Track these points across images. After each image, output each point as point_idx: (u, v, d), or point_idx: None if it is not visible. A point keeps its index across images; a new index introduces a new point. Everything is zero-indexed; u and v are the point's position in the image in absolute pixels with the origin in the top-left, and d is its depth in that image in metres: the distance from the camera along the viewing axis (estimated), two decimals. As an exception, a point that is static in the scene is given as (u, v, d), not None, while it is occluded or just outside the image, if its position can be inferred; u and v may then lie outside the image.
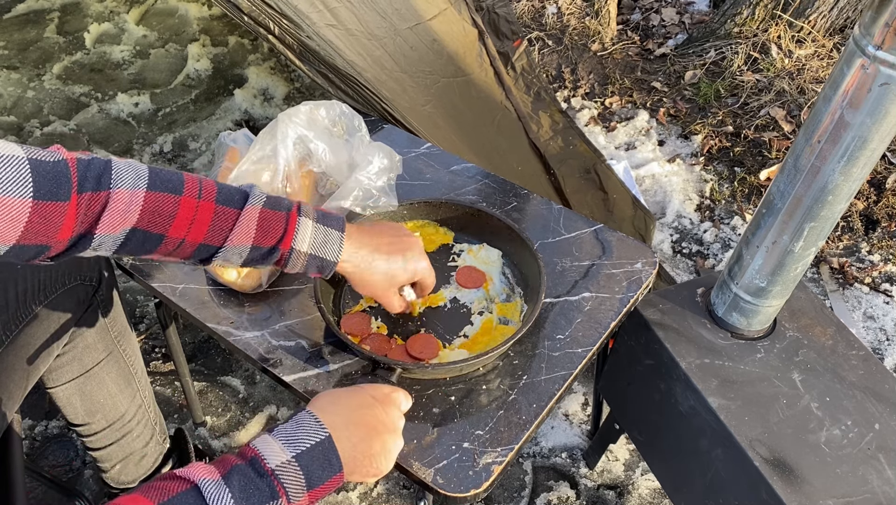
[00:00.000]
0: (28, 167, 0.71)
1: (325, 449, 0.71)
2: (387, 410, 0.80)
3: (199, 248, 0.86)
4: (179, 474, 0.66)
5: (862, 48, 0.83)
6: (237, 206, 0.86)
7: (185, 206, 0.83)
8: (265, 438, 0.71)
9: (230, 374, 1.80)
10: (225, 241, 0.86)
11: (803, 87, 2.57)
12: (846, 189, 0.95)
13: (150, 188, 0.81)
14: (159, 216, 0.81)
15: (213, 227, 0.85)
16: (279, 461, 0.68)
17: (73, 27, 3.04)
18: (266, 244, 0.87)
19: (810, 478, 1.00)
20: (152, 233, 0.82)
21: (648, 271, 1.21)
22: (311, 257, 0.90)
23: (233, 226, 0.85)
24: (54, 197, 0.73)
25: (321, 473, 0.70)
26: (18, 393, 1.07)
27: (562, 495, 1.58)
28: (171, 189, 0.82)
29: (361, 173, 1.19)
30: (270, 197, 0.89)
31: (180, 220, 0.82)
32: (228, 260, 0.88)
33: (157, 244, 0.83)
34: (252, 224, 0.86)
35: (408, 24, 1.74)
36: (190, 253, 0.86)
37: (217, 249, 0.86)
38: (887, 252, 2.13)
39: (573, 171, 1.93)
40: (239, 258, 0.88)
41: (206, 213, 0.84)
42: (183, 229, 0.83)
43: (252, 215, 0.86)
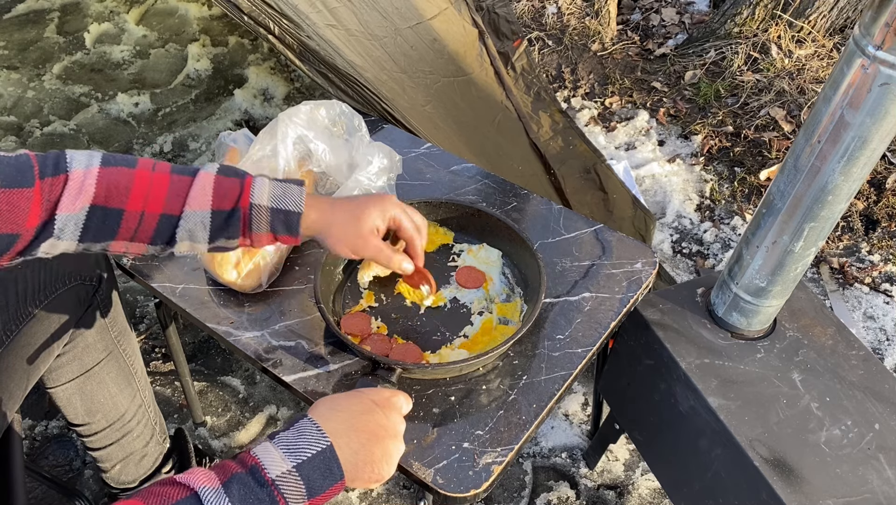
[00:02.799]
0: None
1: (326, 458, 0.71)
2: (388, 414, 0.80)
3: (161, 222, 0.86)
4: (179, 480, 0.66)
5: (862, 48, 0.83)
6: (191, 174, 0.87)
7: (140, 178, 0.84)
8: (266, 446, 0.70)
9: (230, 374, 1.80)
10: (183, 208, 0.86)
11: (803, 87, 2.57)
12: (846, 189, 0.95)
13: (104, 164, 0.84)
14: (115, 189, 0.83)
15: (169, 196, 0.85)
16: (280, 471, 0.68)
17: (73, 27, 3.04)
18: (225, 206, 0.87)
19: (810, 478, 1.00)
20: (111, 208, 0.83)
21: (648, 271, 1.21)
22: (273, 211, 0.89)
23: (188, 190, 0.86)
24: (19, 184, 0.77)
25: (322, 482, 0.70)
26: (19, 393, 1.07)
27: (562, 495, 1.58)
28: (124, 164, 0.85)
29: (361, 173, 1.19)
30: (225, 166, 0.91)
31: (136, 191, 0.84)
32: (194, 234, 0.87)
33: (118, 221, 0.84)
34: (208, 187, 0.86)
35: (408, 23, 1.75)
36: (153, 229, 0.86)
37: (178, 220, 0.86)
38: (887, 252, 2.13)
39: (573, 171, 1.93)
40: (203, 230, 0.87)
41: (162, 182, 0.85)
42: (140, 201, 0.84)
43: (207, 180, 0.87)
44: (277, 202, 0.89)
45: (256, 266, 1.15)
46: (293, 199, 0.90)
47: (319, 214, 0.92)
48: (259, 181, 0.90)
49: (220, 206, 0.87)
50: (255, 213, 0.88)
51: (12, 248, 0.80)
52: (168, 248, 0.89)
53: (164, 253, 0.93)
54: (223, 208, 0.87)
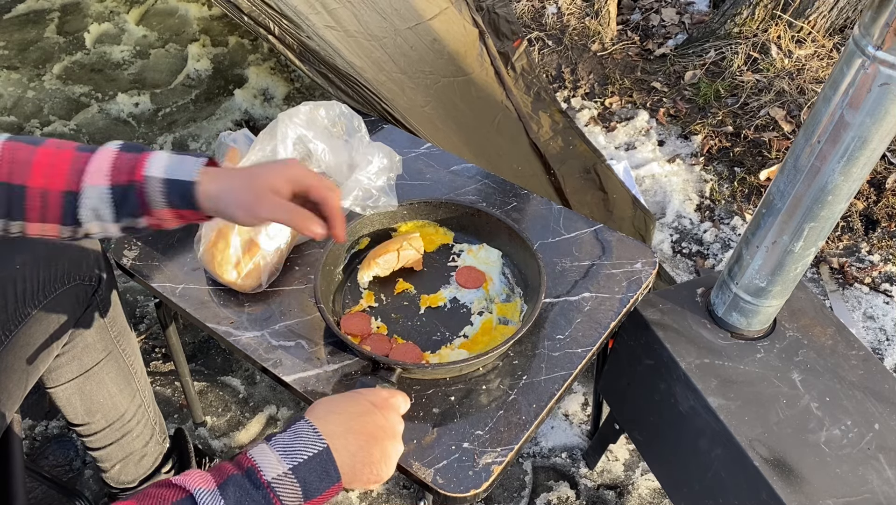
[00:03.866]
0: None
1: (322, 460, 0.71)
2: (386, 415, 0.79)
3: (65, 200, 0.84)
4: (175, 482, 0.66)
5: (862, 48, 0.83)
6: (93, 150, 0.86)
7: (43, 154, 0.84)
8: (262, 448, 0.70)
9: (230, 374, 1.80)
10: (81, 184, 0.84)
11: (803, 87, 2.57)
12: (846, 189, 0.95)
13: (9, 140, 0.84)
14: (17, 164, 0.83)
15: (70, 172, 0.84)
16: (276, 473, 0.68)
17: (73, 27, 3.04)
18: (122, 180, 0.84)
19: (810, 478, 1.00)
20: (13, 185, 0.83)
21: (648, 271, 1.21)
22: (167, 182, 0.84)
23: (86, 166, 0.84)
24: None
25: (318, 485, 0.70)
26: (18, 393, 1.07)
27: (562, 495, 1.58)
28: (30, 141, 0.85)
29: (361, 173, 1.19)
30: (133, 143, 0.88)
31: (37, 167, 0.83)
32: (99, 214, 0.85)
33: (23, 198, 0.83)
34: (105, 162, 0.85)
35: (408, 24, 1.74)
36: (59, 208, 0.85)
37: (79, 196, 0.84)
38: (887, 252, 2.13)
39: (573, 171, 1.93)
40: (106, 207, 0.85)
41: (63, 158, 0.85)
42: (41, 177, 0.83)
43: (106, 154, 0.85)
44: (172, 172, 0.85)
45: (256, 266, 1.15)
46: (188, 168, 0.86)
47: (216, 183, 0.86)
48: (157, 154, 0.86)
49: (117, 181, 0.84)
50: (149, 187, 0.85)
51: None
52: (79, 230, 0.87)
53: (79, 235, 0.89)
54: (120, 182, 0.84)
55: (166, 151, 0.88)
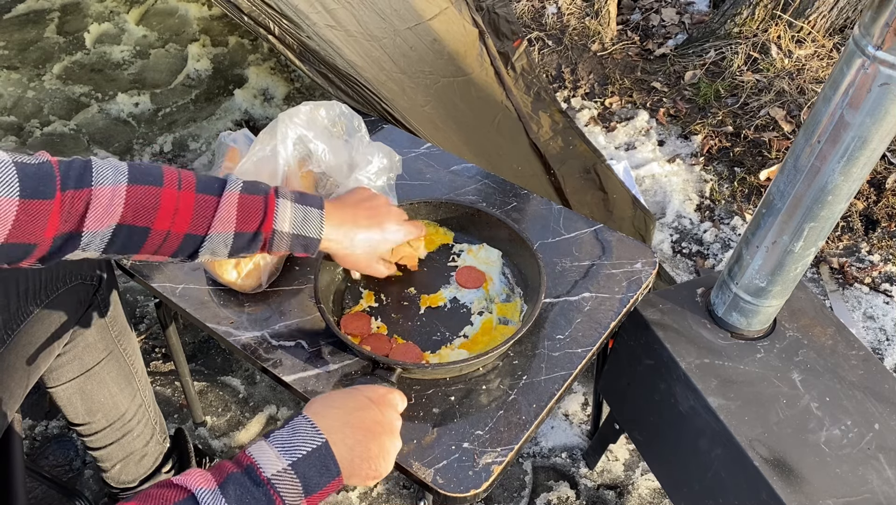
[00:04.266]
0: (13, 168, 0.75)
1: (321, 455, 0.71)
2: (383, 411, 0.80)
3: (185, 240, 0.87)
4: (176, 482, 0.66)
5: (862, 48, 0.83)
6: (216, 193, 0.88)
7: (167, 198, 0.84)
8: (261, 445, 0.71)
9: (230, 374, 1.80)
10: (209, 230, 0.87)
11: (803, 87, 2.57)
12: (846, 189, 0.95)
13: (130, 182, 0.83)
14: (143, 209, 0.83)
15: (195, 217, 0.86)
16: (275, 470, 0.68)
17: (73, 27, 3.04)
18: (248, 229, 0.89)
19: (810, 478, 1.00)
20: (138, 227, 0.84)
21: (648, 271, 1.21)
22: (294, 237, 0.92)
23: (214, 213, 0.87)
24: (40, 195, 0.76)
25: (318, 480, 0.70)
26: (19, 392, 1.07)
27: (562, 495, 1.58)
28: (151, 182, 0.84)
29: (361, 173, 1.19)
30: (247, 182, 0.91)
31: (163, 211, 0.84)
32: (216, 251, 0.89)
33: (144, 238, 0.85)
34: (232, 210, 0.88)
35: (407, 24, 1.74)
36: (176, 246, 0.87)
37: (202, 239, 0.87)
38: (887, 252, 2.13)
39: (573, 171, 1.93)
40: (225, 247, 0.89)
41: (188, 202, 0.86)
42: (167, 221, 0.85)
43: (231, 201, 0.88)
44: (299, 228, 0.92)
45: (256, 266, 1.15)
46: (314, 225, 0.94)
47: (336, 243, 0.97)
48: (282, 205, 0.91)
49: (244, 229, 0.89)
50: (276, 238, 0.92)
51: (30, 256, 0.80)
52: (189, 260, 0.91)
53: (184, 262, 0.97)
54: (246, 231, 0.89)
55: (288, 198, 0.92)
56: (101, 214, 0.81)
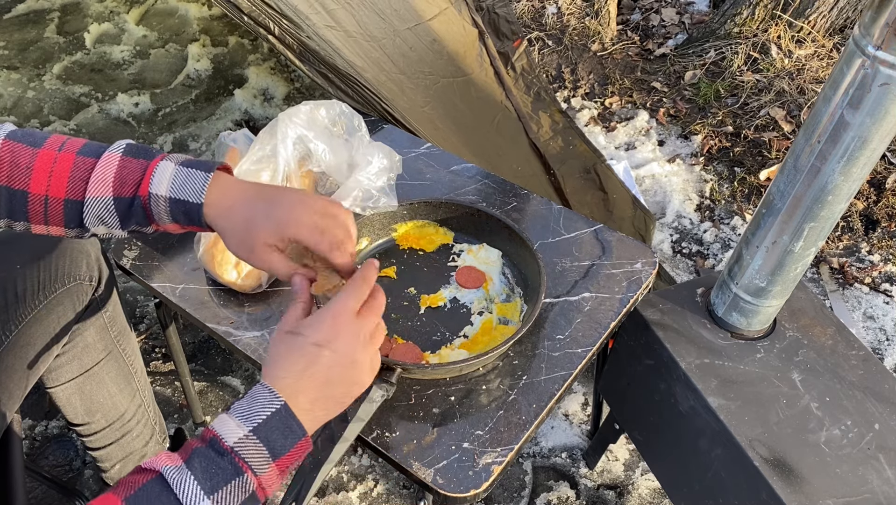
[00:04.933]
0: None
1: (282, 417, 0.70)
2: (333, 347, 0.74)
3: (67, 207, 0.82)
4: (144, 466, 0.67)
5: (862, 48, 0.83)
6: (96, 155, 0.82)
7: (43, 158, 0.81)
8: (222, 418, 0.71)
9: (230, 374, 1.80)
10: (85, 194, 0.81)
11: (803, 87, 2.57)
12: (846, 189, 0.95)
13: (8, 137, 0.81)
14: (16, 168, 0.80)
15: (72, 179, 0.81)
16: (237, 437, 0.68)
17: (73, 27, 3.04)
18: (126, 193, 0.81)
19: (810, 478, 1.00)
20: (14, 189, 0.81)
21: (648, 271, 1.21)
22: (172, 202, 0.81)
23: (90, 175, 0.81)
24: None
25: (283, 442, 0.70)
26: (18, 393, 1.07)
27: (562, 495, 1.58)
28: (30, 142, 0.82)
29: (361, 173, 1.19)
30: (137, 145, 0.84)
31: (38, 172, 0.80)
32: (104, 220, 0.83)
33: (24, 203, 0.81)
34: (109, 172, 0.81)
35: (407, 24, 1.74)
36: (61, 215, 0.83)
37: (82, 205, 0.82)
38: (887, 252, 2.13)
39: (573, 171, 1.93)
40: (111, 216, 0.82)
41: (65, 164, 0.81)
42: (43, 183, 0.81)
43: (110, 163, 0.81)
44: (177, 191, 0.81)
45: (256, 266, 1.15)
46: (193, 188, 0.81)
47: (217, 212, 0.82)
48: (163, 166, 0.82)
49: (121, 193, 0.81)
50: (153, 203, 0.82)
51: None
52: (85, 233, 0.85)
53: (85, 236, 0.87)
54: (124, 195, 0.81)
55: (173, 161, 0.83)
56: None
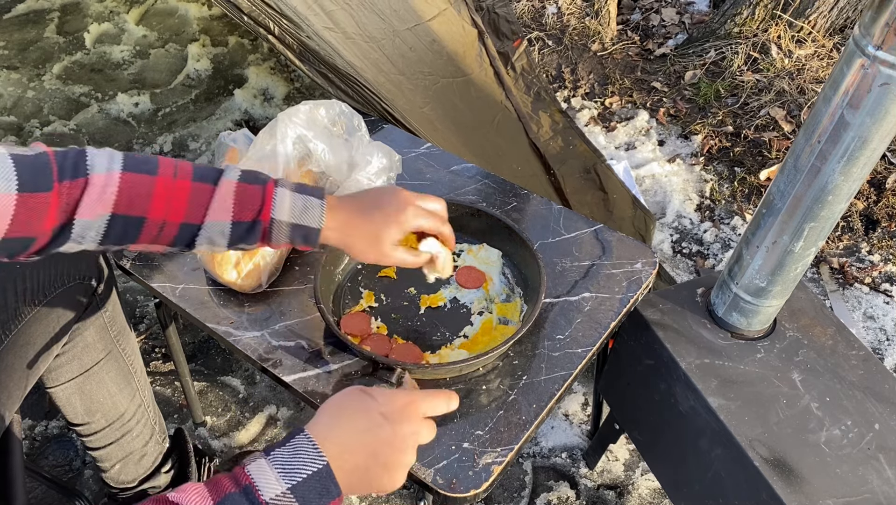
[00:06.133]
0: (11, 162, 0.74)
1: (322, 477, 0.68)
2: (396, 427, 0.74)
3: (182, 229, 0.85)
4: (172, 499, 0.64)
5: (862, 48, 0.83)
6: (213, 181, 0.86)
7: (161, 186, 0.83)
8: (260, 465, 0.68)
9: (230, 374, 1.80)
10: (204, 219, 0.85)
11: (803, 87, 2.57)
12: (846, 189, 0.95)
13: (125, 169, 0.82)
14: (136, 198, 0.82)
15: (191, 205, 0.84)
16: (274, 493, 0.66)
17: (73, 27, 3.04)
18: (246, 218, 0.87)
19: (810, 478, 1.00)
20: (132, 216, 0.82)
21: (648, 271, 1.21)
22: (293, 227, 0.89)
23: (210, 201, 0.85)
24: (36, 188, 0.76)
25: (318, 501, 0.68)
26: (18, 393, 1.07)
27: (562, 495, 1.58)
28: (146, 170, 0.83)
29: (361, 173, 1.19)
30: (247, 171, 0.89)
31: (157, 199, 0.83)
32: (213, 241, 0.87)
33: (140, 228, 0.83)
34: (229, 198, 0.85)
35: (407, 25, 1.74)
36: (173, 236, 0.86)
37: (198, 228, 0.86)
38: (887, 252, 2.13)
39: (573, 171, 1.93)
40: (223, 238, 0.87)
41: (183, 191, 0.84)
42: (161, 210, 0.83)
43: (228, 189, 0.86)
44: (298, 218, 0.89)
45: (256, 266, 1.15)
46: (314, 214, 0.89)
47: (338, 232, 0.92)
48: (280, 193, 0.88)
49: (241, 218, 0.86)
50: (275, 228, 0.88)
51: (28, 249, 0.79)
52: (187, 250, 0.90)
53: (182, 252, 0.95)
54: (244, 220, 0.87)
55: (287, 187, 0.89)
56: (94, 202, 0.80)
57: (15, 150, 0.76)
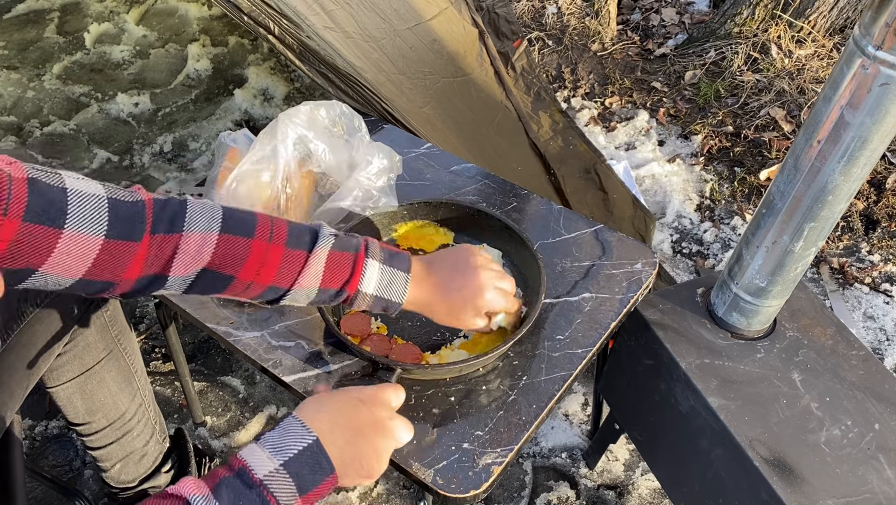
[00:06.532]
0: (106, 206, 0.74)
1: (313, 453, 0.71)
2: (373, 410, 0.80)
3: (268, 290, 0.87)
4: (170, 492, 0.66)
5: (862, 48, 0.83)
6: (306, 248, 0.87)
7: (256, 250, 0.84)
8: (252, 448, 0.71)
9: (230, 374, 1.80)
10: (293, 285, 0.87)
11: (803, 87, 2.57)
12: (846, 189, 0.95)
13: (223, 231, 0.82)
14: (230, 259, 0.82)
15: (281, 270, 0.86)
16: (267, 470, 0.68)
17: (73, 27, 3.04)
18: (333, 287, 0.89)
19: (810, 478, 1.00)
20: (222, 274, 0.83)
21: (648, 272, 1.21)
22: (376, 299, 0.91)
23: (301, 269, 0.86)
24: (126, 237, 0.75)
25: (312, 478, 0.70)
26: (19, 392, 1.07)
27: (562, 495, 1.58)
28: (243, 232, 0.83)
29: (361, 173, 1.19)
30: (339, 237, 0.90)
31: (251, 262, 0.83)
32: (296, 300, 0.89)
33: (227, 285, 0.84)
34: (320, 267, 0.87)
35: (407, 24, 1.74)
36: (258, 293, 0.87)
37: (285, 292, 0.87)
38: (887, 252, 2.13)
39: (573, 171, 1.93)
40: (306, 299, 0.89)
41: (276, 256, 0.85)
42: (252, 272, 0.84)
43: (320, 258, 0.87)
44: (383, 292, 0.91)
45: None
46: (398, 289, 0.92)
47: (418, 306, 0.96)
48: (370, 266, 0.90)
49: (328, 286, 0.89)
50: (359, 297, 0.91)
51: (109, 291, 0.79)
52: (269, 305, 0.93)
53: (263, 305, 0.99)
54: (331, 288, 0.89)
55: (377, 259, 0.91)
56: (189, 261, 0.80)
57: (114, 192, 0.75)
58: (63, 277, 0.74)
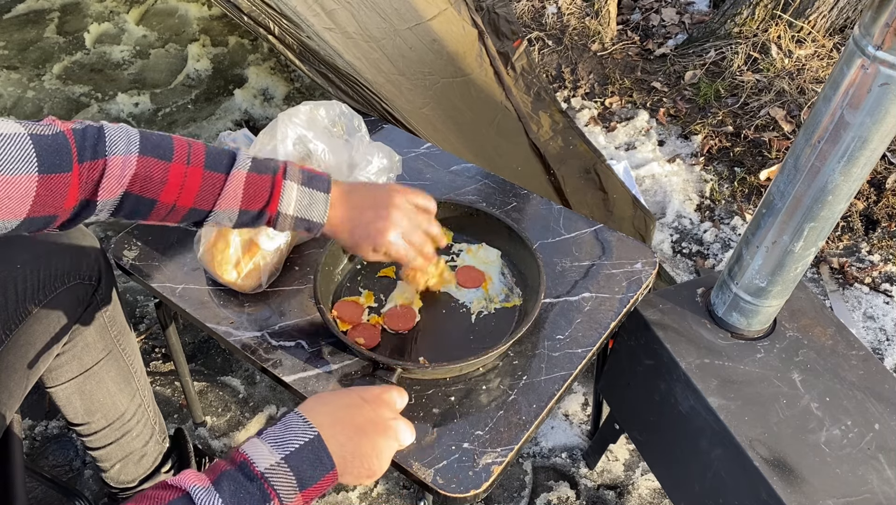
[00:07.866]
0: (31, 143, 0.76)
1: (314, 448, 0.71)
2: (376, 410, 0.80)
3: (190, 213, 0.90)
4: (171, 483, 0.66)
5: (862, 48, 0.83)
6: (224, 170, 0.90)
7: (175, 173, 0.87)
8: (254, 442, 0.71)
9: (230, 374, 1.80)
10: (214, 206, 0.90)
11: (803, 87, 2.57)
12: (846, 189, 0.95)
13: (141, 153, 0.85)
14: (150, 182, 0.86)
15: (201, 193, 0.89)
16: (268, 463, 0.68)
17: (73, 27, 3.04)
18: (253, 208, 0.91)
19: (810, 478, 1.00)
20: (145, 197, 0.86)
21: (648, 271, 1.21)
22: (297, 220, 0.94)
23: (220, 191, 0.89)
24: (58, 169, 0.78)
25: (312, 473, 0.70)
26: (19, 392, 1.07)
27: (562, 495, 1.58)
28: (160, 155, 0.86)
29: (361, 173, 1.19)
30: (257, 160, 0.92)
31: (170, 186, 0.87)
32: (220, 222, 0.92)
33: (150, 209, 0.88)
34: (239, 189, 0.90)
35: (407, 24, 1.74)
36: (181, 217, 0.91)
37: (207, 213, 0.91)
38: (887, 252, 2.13)
39: (573, 171, 1.93)
40: (230, 221, 0.92)
41: (195, 179, 0.88)
42: (173, 195, 0.87)
43: (238, 180, 0.90)
44: (303, 212, 0.93)
45: (256, 266, 1.15)
46: (318, 209, 0.94)
47: (332, 229, 0.97)
48: (288, 188, 0.92)
49: (249, 207, 0.91)
50: (280, 218, 0.93)
51: (51, 225, 0.83)
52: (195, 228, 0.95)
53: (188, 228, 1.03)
54: (251, 209, 0.91)
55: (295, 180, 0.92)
56: (113, 184, 0.83)
57: (33, 128, 0.77)
58: (8, 219, 0.76)
